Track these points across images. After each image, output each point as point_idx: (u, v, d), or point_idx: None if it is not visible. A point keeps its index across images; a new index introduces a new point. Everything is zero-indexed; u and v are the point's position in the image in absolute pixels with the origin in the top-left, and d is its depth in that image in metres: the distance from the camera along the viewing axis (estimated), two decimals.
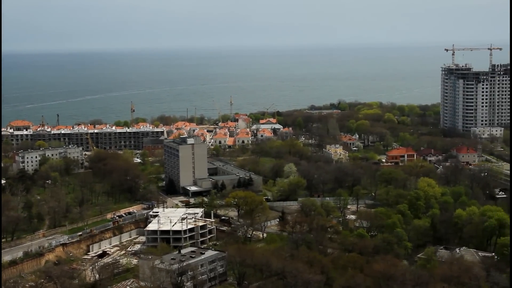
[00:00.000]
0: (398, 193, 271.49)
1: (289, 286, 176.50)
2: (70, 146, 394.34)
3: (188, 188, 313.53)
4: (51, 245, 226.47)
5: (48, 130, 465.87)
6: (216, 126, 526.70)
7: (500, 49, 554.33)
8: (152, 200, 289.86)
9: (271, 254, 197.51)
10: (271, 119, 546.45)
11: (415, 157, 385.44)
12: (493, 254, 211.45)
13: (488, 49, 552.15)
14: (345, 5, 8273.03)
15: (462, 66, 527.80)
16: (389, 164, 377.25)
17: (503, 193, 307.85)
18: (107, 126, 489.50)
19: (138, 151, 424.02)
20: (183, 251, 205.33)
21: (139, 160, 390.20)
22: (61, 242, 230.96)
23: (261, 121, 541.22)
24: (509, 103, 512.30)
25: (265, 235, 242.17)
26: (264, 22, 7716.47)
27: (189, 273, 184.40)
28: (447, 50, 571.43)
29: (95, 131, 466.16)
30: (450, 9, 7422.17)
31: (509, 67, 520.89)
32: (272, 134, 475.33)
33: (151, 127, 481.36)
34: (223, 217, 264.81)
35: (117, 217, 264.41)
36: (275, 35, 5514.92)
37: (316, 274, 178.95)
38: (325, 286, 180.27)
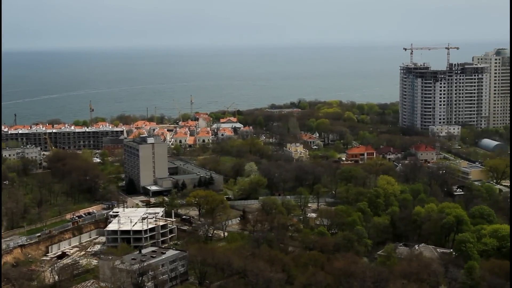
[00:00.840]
0: (358, 191, 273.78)
1: (250, 285, 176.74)
2: (28, 146, 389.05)
3: (149, 187, 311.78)
4: (9, 247, 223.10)
5: (5, 130, 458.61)
6: (176, 125, 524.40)
7: (457, 48, 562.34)
8: (112, 200, 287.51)
9: (232, 253, 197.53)
10: (232, 118, 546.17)
11: (374, 155, 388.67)
12: (451, 250, 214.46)
13: (446, 48, 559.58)
14: (304, 4, 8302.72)
15: (420, 65, 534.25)
16: (349, 162, 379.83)
17: (460, 190, 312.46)
18: (66, 125, 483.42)
19: (97, 151, 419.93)
20: (143, 251, 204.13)
21: (98, 160, 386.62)
22: (19, 244, 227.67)
23: (221, 120, 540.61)
24: (466, 102, 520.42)
25: (226, 234, 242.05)
26: (223, 21, 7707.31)
27: (150, 273, 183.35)
28: (405, 49, 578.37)
29: (54, 131, 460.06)
30: (408, 9, 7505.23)
31: (465, 66, 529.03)
32: (233, 133, 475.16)
33: (110, 127, 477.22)
34: (184, 217, 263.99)
35: (76, 218, 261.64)
36: (235, 34, 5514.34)
37: (277, 272, 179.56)
38: (286, 284, 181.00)
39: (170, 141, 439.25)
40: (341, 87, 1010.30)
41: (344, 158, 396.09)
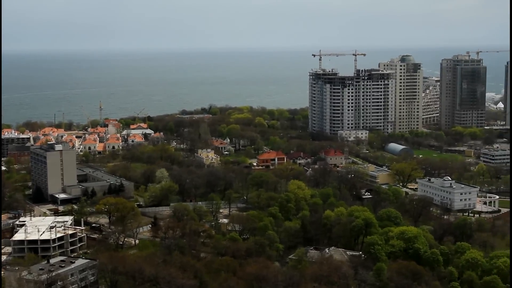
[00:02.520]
0: (269, 196, 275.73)
1: None
2: None
3: (57, 195, 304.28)
4: None
5: None
6: (85, 132, 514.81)
7: (364, 55, 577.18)
8: (18, 209, 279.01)
9: (143, 260, 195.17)
10: (142, 124, 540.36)
11: (285, 160, 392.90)
12: (360, 252, 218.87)
13: (353, 54, 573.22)
14: (221, 10, 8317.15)
15: (329, 71, 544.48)
16: (260, 167, 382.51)
17: (368, 193, 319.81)
18: None
19: (2, 159, 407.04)
20: (52, 261, 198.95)
21: (4, 168, 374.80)
22: None
23: (131, 126, 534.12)
24: (373, 107, 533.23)
25: (137, 241, 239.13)
26: (135, 26, 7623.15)
27: (59, 283, 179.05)
28: (314, 55, 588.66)
29: None
30: (319, 15, 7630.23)
31: (372, 72, 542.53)
32: (143, 139, 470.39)
33: (16, 134, 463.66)
34: (93, 225, 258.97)
35: None
36: (147, 40, 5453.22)
37: (190, 279, 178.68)
38: None
39: (79, 148, 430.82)
40: (252, 93, 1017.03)
41: (255, 164, 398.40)
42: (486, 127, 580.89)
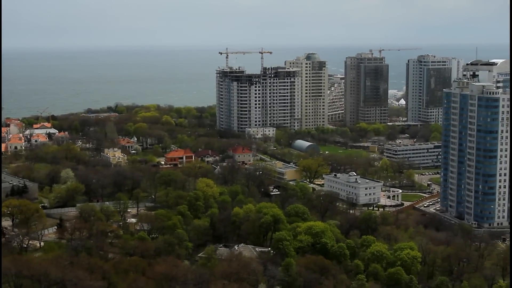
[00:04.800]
0: (177, 194, 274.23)
1: None
2: None
3: None
4: None
5: None
6: None
7: (270, 53, 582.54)
8: None
9: (49, 263, 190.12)
10: (46, 124, 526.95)
11: (193, 159, 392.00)
12: (269, 249, 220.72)
13: (260, 52, 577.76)
14: (127, 8, 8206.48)
15: (236, 69, 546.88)
16: (168, 166, 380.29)
17: (277, 190, 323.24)
18: None
19: None
20: None
21: None
22: None
23: (35, 126, 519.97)
24: (280, 104, 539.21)
25: (42, 244, 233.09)
26: (42, 23, 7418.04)
27: None
28: (221, 53, 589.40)
29: None
30: (225, 13, 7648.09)
31: (279, 70, 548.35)
32: (47, 139, 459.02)
33: None
34: None
35: None
36: (45, 37, 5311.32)
37: (98, 281, 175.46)
38: None
39: None
40: (159, 91, 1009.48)
41: (163, 162, 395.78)
42: (389, 123, 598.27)
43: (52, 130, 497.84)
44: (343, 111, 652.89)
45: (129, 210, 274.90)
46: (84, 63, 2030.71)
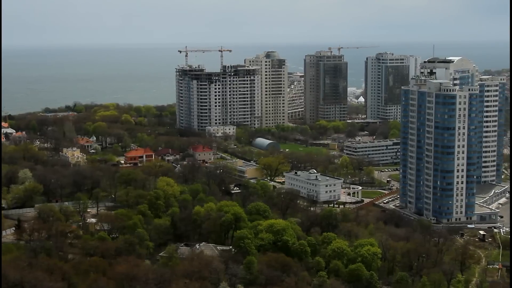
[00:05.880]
0: (138, 193, 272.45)
1: None
2: None
3: None
4: None
5: None
6: None
7: (230, 51, 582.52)
8: None
9: (7, 265, 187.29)
10: (3, 123, 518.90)
11: (153, 157, 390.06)
12: (231, 247, 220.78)
13: (219, 51, 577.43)
14: (88, 5, 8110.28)
15: (196, 67, 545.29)
16: (128, 165, 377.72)
17: (237, 188, 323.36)
18: None
19: None
20: None
21: None
22: None
23: None
24: (240, 103, 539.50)
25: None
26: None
27: None
28: (180, 51, 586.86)
29: None
30: (185, 11, 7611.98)
31: (238, 68, 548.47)
32: (4, 139, 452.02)
33: None
34: None
35: None
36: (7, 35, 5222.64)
37: (57, 282, 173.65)
38: None
39: None
40: (118, 89, 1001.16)
41: (123, 161, 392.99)
42: (348, 121, 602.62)
43: (9, 130, 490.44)
44: (303, 109, 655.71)
45: (88, 210, 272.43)
46: (40, 62, 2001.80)
